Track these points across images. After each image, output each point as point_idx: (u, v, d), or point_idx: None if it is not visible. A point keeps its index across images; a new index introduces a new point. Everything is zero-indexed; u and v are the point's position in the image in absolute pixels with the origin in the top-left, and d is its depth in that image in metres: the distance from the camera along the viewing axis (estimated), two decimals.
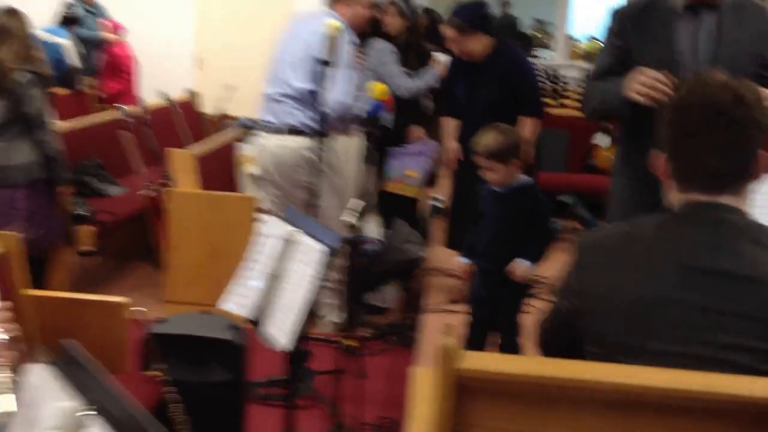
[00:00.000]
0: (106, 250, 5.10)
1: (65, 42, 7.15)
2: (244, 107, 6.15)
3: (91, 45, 7.57)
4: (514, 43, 4.57)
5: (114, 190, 5.37)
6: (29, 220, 4.21)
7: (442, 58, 5.12)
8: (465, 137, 4.37)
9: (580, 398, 1.48)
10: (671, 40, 2.82)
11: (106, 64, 7.70)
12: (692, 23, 2.82)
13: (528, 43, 11.90)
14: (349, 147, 4.97)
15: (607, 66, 2.98)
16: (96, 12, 7.74)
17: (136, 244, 5.66)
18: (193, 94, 6.93)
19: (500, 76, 4.21)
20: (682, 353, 1.63)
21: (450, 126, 4.60)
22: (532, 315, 3.63)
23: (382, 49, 5.16)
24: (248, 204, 4.43)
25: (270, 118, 4.31)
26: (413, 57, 5.41)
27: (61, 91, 6.84)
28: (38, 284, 4.30)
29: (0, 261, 2.85)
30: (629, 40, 2.92)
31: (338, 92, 4.05)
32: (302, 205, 4.20)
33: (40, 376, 1.67)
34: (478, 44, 4.25)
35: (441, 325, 3.82)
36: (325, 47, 3.58)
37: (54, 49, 7.07)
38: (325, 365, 3.74)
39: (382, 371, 4.15)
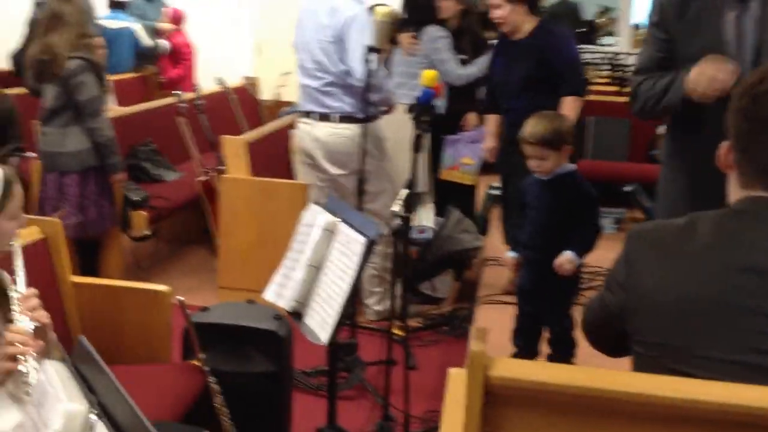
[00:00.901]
0: (161, 236, 5.12)
1: (134, 25, 7.20)
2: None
3: (149, 33, 7.60)
4: (561, 25, 4.40)
5: (170, 176, 5.39)
6: (79, 206, 4.25)
7: None
8: (506, 115, 4.25)
9: (619, 411, 1.38)
10: (717, 29, 2.68)
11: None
12: (737, 10, 2.67)
13: (592, 30, 11.64)
14: (399, 134, 4.89)
15: (652, 60, 2.85)
16: (154, 0, 7.77)
17: (192, 229, 5.69)
18: (249, 80, 6.92)
19: (538, 52, 4.06)
20: (735, 360, 1.52)
21: (491, 123, 4.48)
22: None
23: (434, 36, 5.05)
24: (299, 191, 4.40)
25: (315, 107, 4.26)
26: (467, 43, 5.29)
27: (125, 76, 6.91)
28: (92, 269, 4.37)
29: (41, 247, 2.86)
30: (672, 30, 2.79)
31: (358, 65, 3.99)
32: (352, 193, 4.15)
33: (52, 373, 1.64)
34: (517, 15, 4.11)
35: (495, 317, 3.77)
36: (375, 35, 3.51)
37: (128, 35, 7.13)
38: (374, 355, 3.68)
39: (432, 363, 4.08)
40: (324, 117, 4.23)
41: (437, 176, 5.20)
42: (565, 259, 3.11)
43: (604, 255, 3.53)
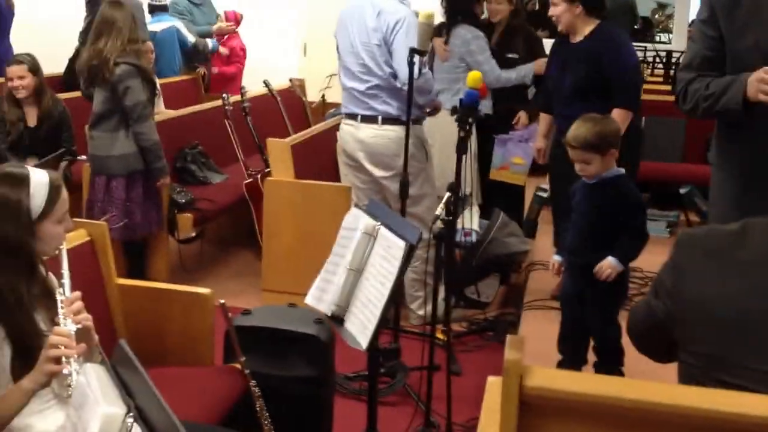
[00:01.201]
0: (207, 238, 5.15)
1: (177, 23, 7.24)
2: None
3: (200, 36, 7.62)
4: (619, 29, 4.22)
5: (216, 178, 5.42)
6: (125, 210, 4.29)
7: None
8: (557, 121, 4.18)
9: (661, 424, 1.33)
10: None
11: (219, 53, 7.75)
12: None
13: (647, 27, 11.45)
14: (443, 138, 4.85)
15: (701, 58, 2.77)
16: (202, 3, 7.80)
17: (238, 231, 5.71)
18: (295, 82, 6.93)
19: (591, 58, 3.94)
20: None
21: (543, 123, 4.41)
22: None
23: (466, 38, 4.94)
24: (343, 193, 4.39)
25: (359, 109, 4.24)
26: (520, 42, 5.23)
27: (174, 79, 6.96)
28: (138, 272, 4.41)
29: (86, 249, 2.88)
30: (723, 28, 2.70)
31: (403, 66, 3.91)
32: (394, 196, 4.13)
33: (92, 376, 1.65)
34: (572, 16, 4.00)
35: (541, 323, 3.71)
36: (419, 37, 3.48)
37: (172, 35, 7.17)
38: (417, 360, 3.65)
39: (476, 369, 4.03)
40: (368, 119, 4.21)
41: (487, 177, 5.15)
42: (607, 264, 3.04)
43: (656, 260, 3.42)
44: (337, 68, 4.43)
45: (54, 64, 6.42)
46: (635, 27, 11.47)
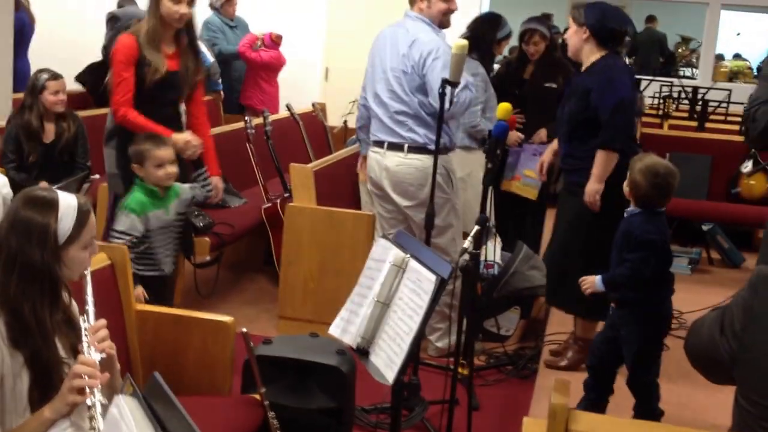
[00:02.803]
0: (223, 262, 5.09)
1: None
2: None
3: (230, 58, 7.59)
4: (620, 62, 4.04)
5: (235, 202, 5.37)
6: None
7: None
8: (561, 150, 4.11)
9: None
10: None
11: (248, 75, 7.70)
12: None
13: (671, 61, 11.43)
14: (470, 168, 4.80)
15: None
16: (237, 26, 7.79)
17: (254, 256, 5.65)
18: (317, 107, 6.92)
19: (583, 92, 3.85)
20: None
21: (557, 141, 4.34)
22: (667, 352, 3.40)
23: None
24: (365, 221, 4.34)
25: (386, 136, 4.19)
26: (557, 71, 5.23)
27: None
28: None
29: (106, 274, 2.84)
30: None
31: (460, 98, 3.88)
32: (418, 226, 4.07)
33: (125, 409, 1.60)
34: (579, 40, 3.91)
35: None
36: (452, 67, 3.45)
37: None
38: (436, 393, 3.58)
39: (495, 403, 3.96)
40: (394, 146, 4.16)
41: (499, 188, 5.12)
42: (590, 279, 3.28)
43: (678, 296, 3.42)
44: (360, 94, 4.39)
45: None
46: (660, 60, 11.49)
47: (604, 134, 3.77)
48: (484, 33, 5.05)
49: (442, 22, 4.17)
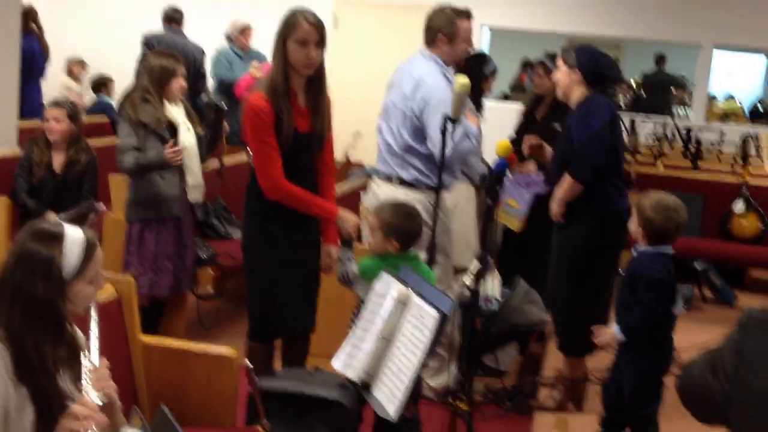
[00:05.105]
0: (226, 294, 5.13)
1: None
2: (372, 155, 6.20)
3: (228, 86, 7.59)
4: (601, 98, 4.01)
5: (237, 233, 5.40)
6: (146, 261, 4.31)
7: None
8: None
9: None
10: None
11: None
12: None
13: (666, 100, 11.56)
14: (456, 200, 4.82)
15: None
16: (248, 57, 7.79)
17: None
18: None
19: (567, 129, 3.96)
20: None
21: None
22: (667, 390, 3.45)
23: None
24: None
25: (382, 166, 4.26)
26: (563, 113, 5.24)
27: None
28: (153, 324, 4.37)
29: (112, 306, 2.87)
30: None
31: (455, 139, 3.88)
32: None
33: None
34: (569, 81, 3.98)
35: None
36: (453, 105, 3.51)
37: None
38: (434, 428, 3.60)
39: None
40: (387, 178, 4.22)
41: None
42: (608, 331, 3.29)
43: (674, 335, 3.46)
44: (362, 127, 4.44)
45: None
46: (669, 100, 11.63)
47: (572, 164, 3.89)
48: (472, 70, 5.10)
49: (457, 62, 4.23)
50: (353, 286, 3.33)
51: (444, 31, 4.14)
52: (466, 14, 4.25)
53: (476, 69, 5.12)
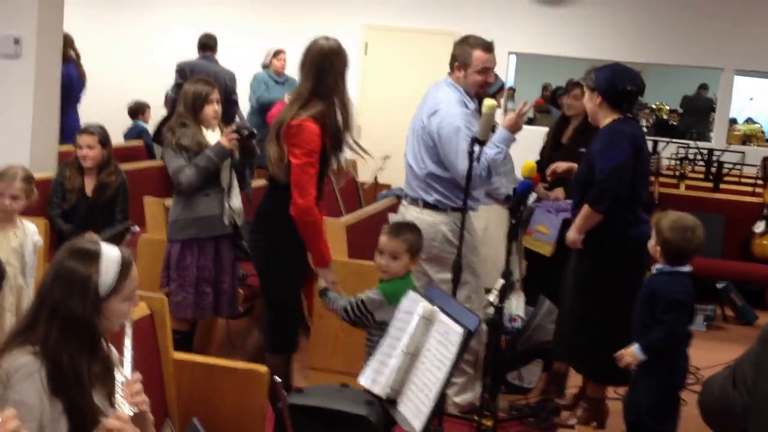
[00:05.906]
0: (255, 314, 5.21)
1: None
2: (399, 177, 6.27)
3: (267, 107, 7.68)
4: (628, 125, 4.02)
5: None
6: (187, 281, 4.37)
7: None
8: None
9: None
10: None
11: None
12: None
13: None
14: (486, 222, 4.89)
15: None
16: (283, 83, 8.04)
17: None
18: (348, 163, 7.05)
19: (591, 154, 3.97)
20: None
21: None
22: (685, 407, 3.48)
23: None
24: None
25: (408, 189, 4.33)
26: (589, 137, 5.19)
27: None
28: (187, 341, 4.43)
29: (146, 323, 2.93)
30: None
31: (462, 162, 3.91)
32: (433, 279, 4.14)
33: None
34: (593, 105, 4.01)
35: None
36: (481, 127, 3.59)
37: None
38: None
39: None
40: (413, 201, 4.29)
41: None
42: (629, 352, 3.28)
43: (695, 353, 3.50)
44: (390, 150, 4.51)
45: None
46: (674, 124, 11.71)
47: (593, 192, 3.89)
48: None
49: (478, 92, 4.22)
50: (372, 315, 3.43)
51: (459, 60, 4.20)
52: (485, 46, 4.18)
53: None
